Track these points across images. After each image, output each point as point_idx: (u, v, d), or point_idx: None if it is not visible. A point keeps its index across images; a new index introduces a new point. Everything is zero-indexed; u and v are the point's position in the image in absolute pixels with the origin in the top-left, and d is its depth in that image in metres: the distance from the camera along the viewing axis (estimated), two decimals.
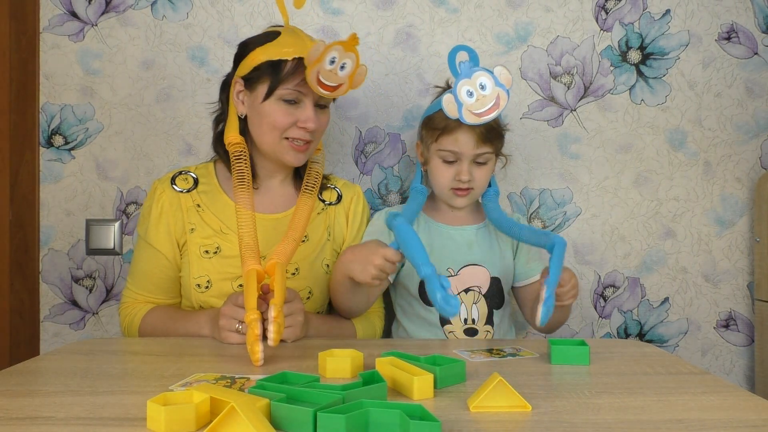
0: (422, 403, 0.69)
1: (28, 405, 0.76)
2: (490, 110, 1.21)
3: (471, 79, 1.20)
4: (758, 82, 1.66)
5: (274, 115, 1.20)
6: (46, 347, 1.60)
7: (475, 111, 1.21)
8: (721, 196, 1.66)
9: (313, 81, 1.14)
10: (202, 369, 0.92)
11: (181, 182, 1.28)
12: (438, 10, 1.63)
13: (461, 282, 1.31)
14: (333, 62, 1.14)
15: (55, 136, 1.59)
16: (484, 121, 1.22)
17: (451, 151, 1.28)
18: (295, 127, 1.21)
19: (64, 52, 1.59)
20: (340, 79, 1.16)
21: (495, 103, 1.21)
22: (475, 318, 1.30)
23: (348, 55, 1.15)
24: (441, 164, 1.30)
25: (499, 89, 1.21)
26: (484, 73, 1.20)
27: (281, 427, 0.68)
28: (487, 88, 1.21)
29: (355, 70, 1.17)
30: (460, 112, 1.21)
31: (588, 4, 1.64)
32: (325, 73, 1.14)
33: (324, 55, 1.12)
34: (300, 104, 1.21)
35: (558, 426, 0.70)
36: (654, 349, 1.11)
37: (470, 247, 1.34)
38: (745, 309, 1.67)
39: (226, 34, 1.60)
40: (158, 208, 1.26)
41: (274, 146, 1.23)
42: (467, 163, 1.28)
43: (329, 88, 1.16)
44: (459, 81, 1.20)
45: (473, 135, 1.26)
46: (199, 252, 1.24)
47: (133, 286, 1.29)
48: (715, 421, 0.72)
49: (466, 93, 1.21)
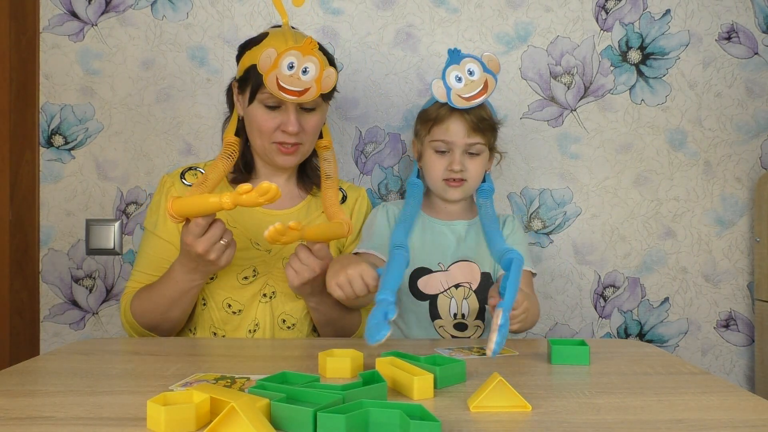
0: (422, 403, 0.69)
1: (28, 405, 0.76)
2: (478, 95, 1.25)
3: (459, 65, 1.25)
4: (758, 82, 1.66)
5: (258, 119, 1.22)
6: (46, 347, 1.60)
7: (464, 95, 1.25)
8: (721, 196, 1.66)
9: (273, 87, 1.13)
10: (202, 369, 0.92)
11: (190, 177, 1.29)
12: (438, 10, 1.63)
13: (451, 278, 1.32)
14: (292, 68, 1.13)
15: (55, 136, 1.59)
16: (473, 104, 1.26)
17: (443, 140, 1.30)
18: (279, 131, 1.22)
19: (64, 52, 1.59)
20: (304, 84, 1.14)
21: (483, 88, 1.25)
22: (465, 313, 1.31)
23: (308, 59, 1.14)
24: (433, 155, 1.32)
25: (487, 75, 1.25)
26: (472, 59, 1.25)
27: (281, 427, 0.68)
28: (475, 74, 1.25)
29: (320, 73, 1.15)
30: (448, 96, 1.25)
31: (588, 4, 1.64)
32: (285, 79, 1.13)
33: (279, 61, 1.11)
34: (282, 108, 1.21)
35: (558, 426, 0.70)
36: (654, 349, 1.11)
37: (460, 242, 1.35)
38: (745, 309, 1.67)
39: (226, 34, 1.60)
40: None
41: (264, 149, 1.25)
42: (459, 153, 1.29)
43: (294, 93, 1.14)
44: (447, 66, 1.24)
45: (464, 124, 1.28)
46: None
47: (140, 278, 1.27)
48: (715, 421, 0.72)
49: (455, 78, 1.25)
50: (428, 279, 1.32)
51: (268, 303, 1.26)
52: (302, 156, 1.28)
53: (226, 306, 1.24)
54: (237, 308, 1.24)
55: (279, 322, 1.26)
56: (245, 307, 1.25)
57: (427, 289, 1.32)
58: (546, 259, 1.64)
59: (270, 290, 1.26)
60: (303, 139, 1.24)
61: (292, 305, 1.26)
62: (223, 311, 1.24)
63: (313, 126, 1.25)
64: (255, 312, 1.25)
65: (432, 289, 1.32)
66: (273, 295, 1.26)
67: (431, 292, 1.31)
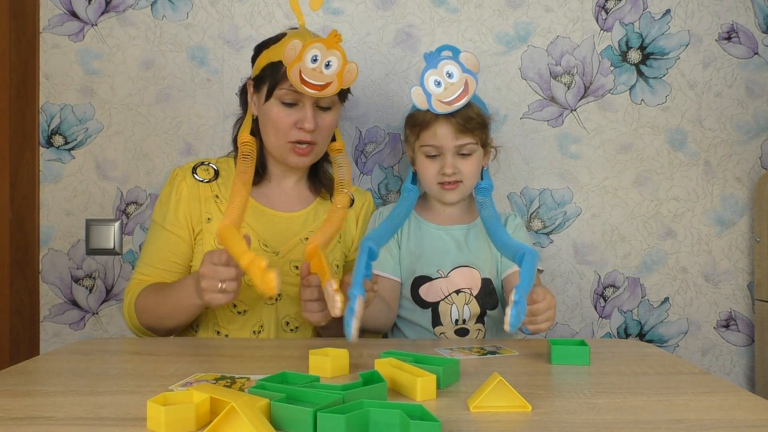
0: (422, 403, 0.69)
1: (28, 405, 0.76)
2: (459, 97, 1.22)
3: (437, 68, 1.21)
4: (758, 82, 1.66)
5: (274, 116, 1.22)
6: (46, 347, 1.60)
7: (444, 100, 1.22)
8: (721, 196, 1.66)
9: (296, 80, 1.13)
10: (202, 369, 0.92)
11: (202, 172, 1.29)
12: (438, 10, 1.63)
13: (451, 284, 1.30)
14: (315, 60, 1.13)
15: (55, 136, 1.59)
16: (455, 108, 1.22)
17: (432, 145, 1.27)
18: (296, 129, 1.22)
19: (64, 52, 1.59)
20: (326, 78, 1.14)
21: (464, 89, 1.21)
22: (466, 318, 1.30)
23: (331, 53, 1.14)
24: (425, 160, 1.30)
25: (467, 75, 1.21)
26: (449, 61, 1.21)
27: (281, 427, 0.68)
28: (454, 76, 1.21)
29: (342, 67, 1.16)
30: (429, 103, 1.22)
31: (588, 4, 1.64)
32: (308, 72, 1.13)
33: (303, 54, 1.11)
34: (299, 106, 1.22)
35: (558, 426, 0.70)
36: (654, 349, 1.10)
37: (460, 247, 1.33)
38: (745, 309, 1.67)
39: (226, 34, 1.60)
40: (177, 195, 1.26)
41: (279, 148, 1.25)
42: (450, 156, 1.27)
43: (316, 87, 1.14)
44: (425, 72, 1.21)
45: (451, 126, 1.25)
46: (213, 242, 1.24)
47: (144, 269, 1.26)
48: (715, 421, 0.72)
49: (434, 83, 1.21)
50: (429, 287, 1.31)
51: (274, 305, 1.25)
52: (316, 156, 1.28)
53: (231, 306, 1.24)
54: (242, 308, 1.24)
55: (283, 324, 1.26)
56: (250, 308, 1.24)
57: (429, 297, 1.31)
58: (546, 259, 1.64)
59: None
60: (318, 138, 1.24)
61: (297, 309, 1.26)
62: (227, 310, 1.24)
63: (328, 125, 1.25)
64: (260, 313, 1.25)
65: (434, 296, 1.31)
66: (279, 298, 1.26)
67: (433, 300, 1.31)
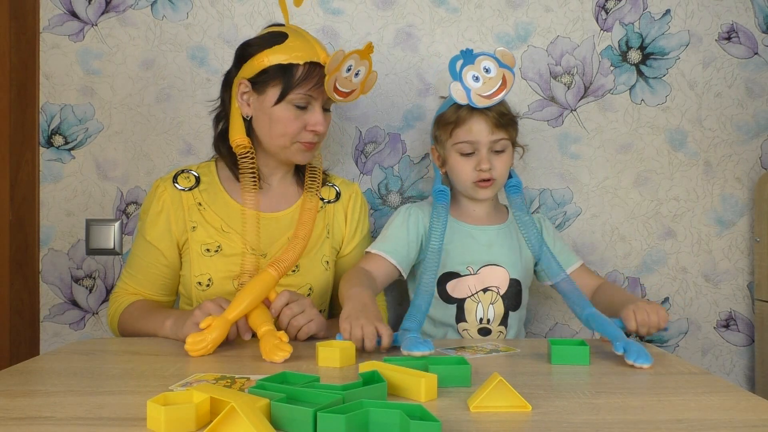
0: (422, 404, 0.69)
1: (28, 405, 0.76)
2: (498, 91, 1.24)
3: (474, 64, 1.23)
4: (758, 82, 1.66)
5: (284, 120, 1.22)
6: (46, 347, 1.60)
7: (484, 94, 1.24)
8: (721, 196, 1.66)
9: (331, 88, 1.17)
10: (202, 369, 0.92)
11: (182, 181, 1.29)
12: (438, 10, 1.63)
13: (480, 281, 1.31)
14: (349, 70, 1.18)
15: (55, 136, 1.59)
16: (494, 102, 1.25)
17: (467, 141, 1.28)
18: (304, 131, 1.23)
19: (64, 52, 1.59)
20: (353, 86, 1.21)
21: (502, 83, 1.24)
22: (491, 318, 1.31)
23: (363, 63, 1.20)
24: (460, 158, 1.30)
25: (504, 70, 1.23)
26: (486, 57, 1.23)
27: (281, 427, 0.68)
28: (491, 71, 1.23)
29: (367, 76, 1.22)
30: (469, 97, 1.24)
31: (588, 4, 1.64)
32: (341, 81, 1.18)
33: (342, 64, 1.15)
34: (308, 108, 1.23)
35: (558, 426, 0.70)
36: (654, 349, 1.11)
37: (491, 247, 1.34)
38: (745, 309, 1.67)
39: (226, 34, 1.60)
40: (158, 206, 1.27)
41: (284, 148, 1.25)
42: (485, 152, 1.28)
43: (343, 94, 1.20)
44: (463, 68, 1.23)
45: (486, 122, 1.27)
46: (200, 250, 1.24)
47: (128, 279, 1.29)
48: (715, 421, 0.72)
49: (472, 78, 1.23)
50: (457, 283, 1.31)
51: None
52: (316, 152, 1.31)
53: None
54: None
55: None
56: None
57: (456, 293, 1.31)
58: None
59: None
60: (321, 138, 1.28)
61: None
62: None
63: (329, 124, 1.29)
64: None
65: (460, 293, 1.31)
66: None
67: (460, 296, 1.31)
